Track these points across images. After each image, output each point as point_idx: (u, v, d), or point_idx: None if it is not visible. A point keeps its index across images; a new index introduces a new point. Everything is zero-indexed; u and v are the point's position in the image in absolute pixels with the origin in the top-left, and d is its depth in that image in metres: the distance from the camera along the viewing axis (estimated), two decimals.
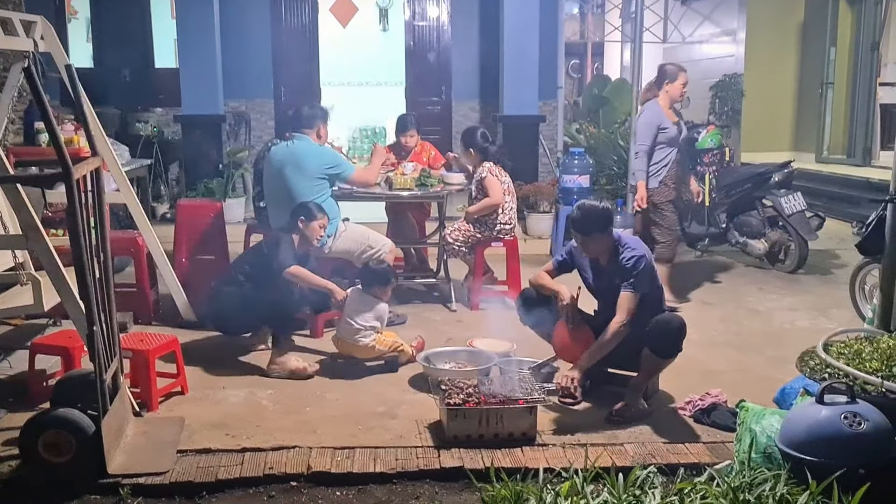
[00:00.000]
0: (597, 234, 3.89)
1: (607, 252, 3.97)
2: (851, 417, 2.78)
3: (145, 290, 5.22)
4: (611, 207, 3.97)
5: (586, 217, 3.89)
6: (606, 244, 3.94)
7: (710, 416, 3.77)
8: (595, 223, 3.88)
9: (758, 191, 6.97)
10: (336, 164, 5.11)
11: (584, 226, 3.89)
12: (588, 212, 3.89)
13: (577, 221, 3.91)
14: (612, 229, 3.93)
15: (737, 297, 6.06)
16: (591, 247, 3.96)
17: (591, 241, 3.92)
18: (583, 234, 3.91)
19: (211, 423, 3.70)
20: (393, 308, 5.53)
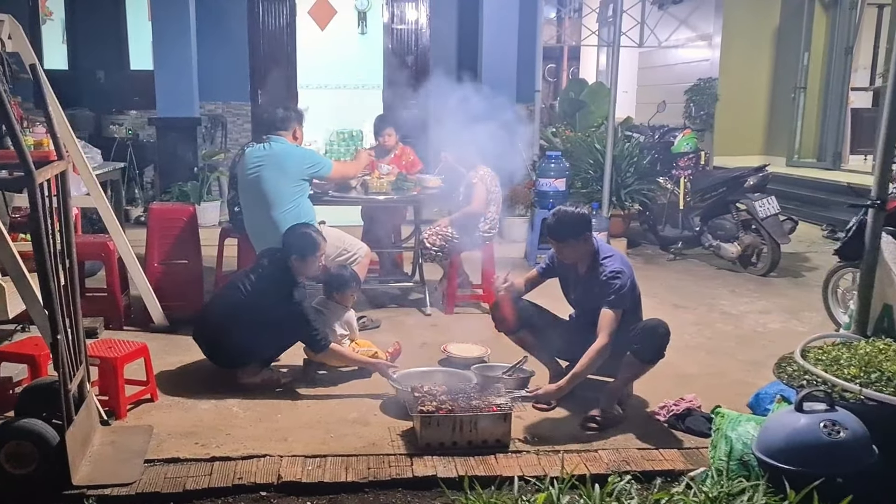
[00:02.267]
0: (572, 241, 3.87)
1: (586, 259, 3.95)
2: (830, 426, 2.76)
3: (116, 295, 5.15)
4: (588, 213, 3.95)
5: (562, 223, 3.86)
6: (584, 251, 3.91)
7: (684, 422, 3.77)
8: (571, 229, 3.85)
9: (732, 194, 7.02)
10: (316, 161, 5.06)
11: (559, 232, 3.87)
12: (564, 218, 3.87)
13: (553, 227, 3.88)
14: (589, 236, 3.91)
15: (709, 301, 6.08)
16: (567, 253, 3.94)
17: (566, 248, 3.90)
18: (558, 240, 3.89)
19: (180, 432, 3.65)
20: (367, 312, 5.52)
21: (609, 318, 3.73)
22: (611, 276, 3.80)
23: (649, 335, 3.76)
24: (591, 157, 8.16)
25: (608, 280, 3.79)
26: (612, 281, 3.78)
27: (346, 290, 4.43)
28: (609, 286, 3.78)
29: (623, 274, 3.83)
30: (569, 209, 3.91)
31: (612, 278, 3.79)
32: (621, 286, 3.78)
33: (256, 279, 4.23)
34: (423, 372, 4.20)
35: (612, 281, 3.78)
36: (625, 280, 3.81)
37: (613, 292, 3.76)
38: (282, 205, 4.90)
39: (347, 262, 5.04)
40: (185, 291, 5.27)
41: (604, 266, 3.86)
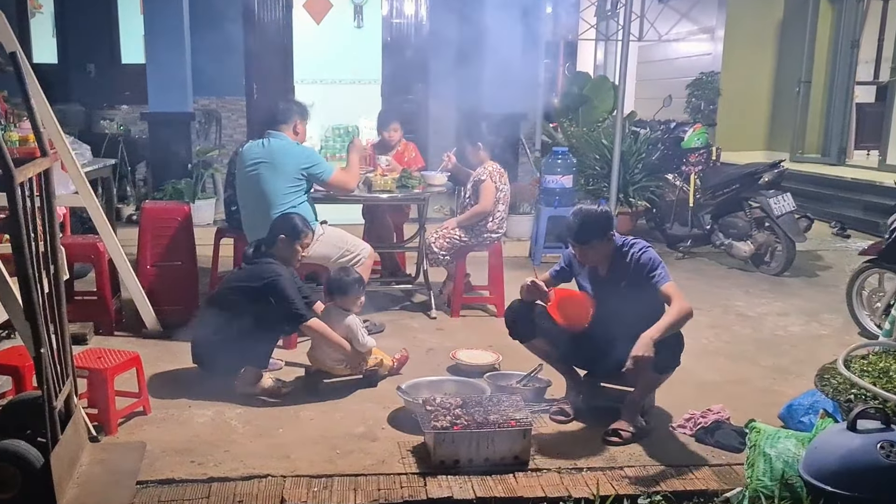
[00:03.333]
0: (596, 243, 3.64)
1: (607, 259, 3.72)
2: (888, 447, 2.53)
3: (107, 299, 4.89)
4: (610, 211, 3.71)
5: (585, 224, 3.62)
6: (607, 251, 3.69)
7: (713, 436, 3.54)
8: (594, 230, 3.62)
9: (746, 191, 6.80)
10: (316, 163, 4.79)
11: (582, 234, 3.63)
12: (586, 218, 3.63)
13: (576, 230, 3.64)
14: (612, 235, 3.68)
15: (724, 302, 5.86)
16: (590, 256, 3.70)
17: (590, 251, 3.67)
18: (581, 243, 3.65)
19: (175, 448, 3.41)
20: (370, 316, 5.27)
21: (671, 289, 3.53)
22: (641, 254, 3.61)
23: (662, 344, 3.52)
24: (598, 153, 7.94)
25: (642, 260, 3.59)
26: (646, 258, 3.59)
27: (348, 294, 4.18)
28: (646, 265, 3.58)
29: (651, 248, 3.67)
30: (591, 208, 3.67)
31: (645, 255, 3.60)
32: (658, 259, 3.61)
33: (241, 271, 4.14)
34: (432, 382, 3.96)
35: (647, 257, 3.59)
36: (656, 254, 3.64)
37: (656, 268, 3.57)
38: (279, 204, 4.65)
39: (350, 263, 4.79)
40: (179, 294, 5.02)
41: (628, 252, 3.65)
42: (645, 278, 3.62)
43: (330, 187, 4.85)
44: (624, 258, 3.69)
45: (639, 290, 3.69)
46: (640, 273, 3.63)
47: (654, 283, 3.60)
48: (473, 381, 3.95)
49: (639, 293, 3.70)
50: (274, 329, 4.00)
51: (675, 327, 3.46)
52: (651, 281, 3.60)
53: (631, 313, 3.75)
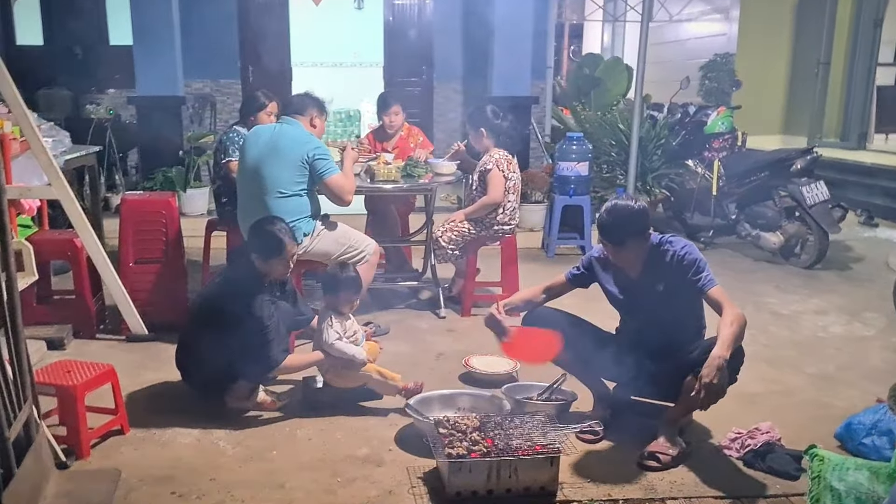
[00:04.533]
0: (632, 243, 3.21)
1: (640, 260, 3.29)
2: None
3: (86, 300, 4.48)
4: (647, 206, 3.27)
5: (620, 222, 3.18)
6: (642, 251, 3.26)
7: (764, 461, 3.12)
8: (631, 229, 3.18)
9: (775, 179, 6.36)
10: (324, 156, 4.26)
11: (618, 234, 3.20)
12: (622, 216, 3.18)
13: (609, 229, 3.20)
14: (650, 233, 3.26)
15: (755, 298, 5.42)
16: (624, 257, 3.27)
17: (624, 251, 3.23)
18: (616, 243, 3.22)
19: (154, 476, 2.99)
20: (374, 316, 4.88)
21: (718, 292, 3.15)
22: (684, 253, 3.21)
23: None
24: (614, 138, 7.49)
25: (686, 261, 3.19)
26: (690, 258, 3.19)
27: (338, 293, 3.67)
28: (690, 267, 3.18)
29: (694, 246, 3.27)
30: (626, 204, 3.22)
31: (687, 254, 3.20)
32: (703, 259, 3.21)
33: (221, 282, 3.63)
34: (444, 396, 3.54)
35: (691, 258, 3.19)
36: (699, 253, 3.24)
37: (702, 270, 3.18)
38: (276, 193, 4.18)
39: (353, 260, 4.36)
40: (165, 294, 4.60)
41: (667, 251, 3.24)
42: (688, 281, 3.20)
43: (325, 188, 4.31)
44: (662, 258, 3.27)
45: (678, 294, 3.28)
46: (681, 275, 3.21)
47: (699, 287, 3.18)
48: (490, 396, 3.53)
49: (677, 297, 3.29)
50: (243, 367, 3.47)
51: (739, 340, 3.05)
52: (697, 284, 3.19)
53: (667, 320, 3.35)
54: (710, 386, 2.91)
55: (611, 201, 3.30)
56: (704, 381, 2.91)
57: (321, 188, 4.32)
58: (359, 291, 3.74)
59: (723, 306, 3.12)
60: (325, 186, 4.27)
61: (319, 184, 4.27)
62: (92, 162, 6.34)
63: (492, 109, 5.07)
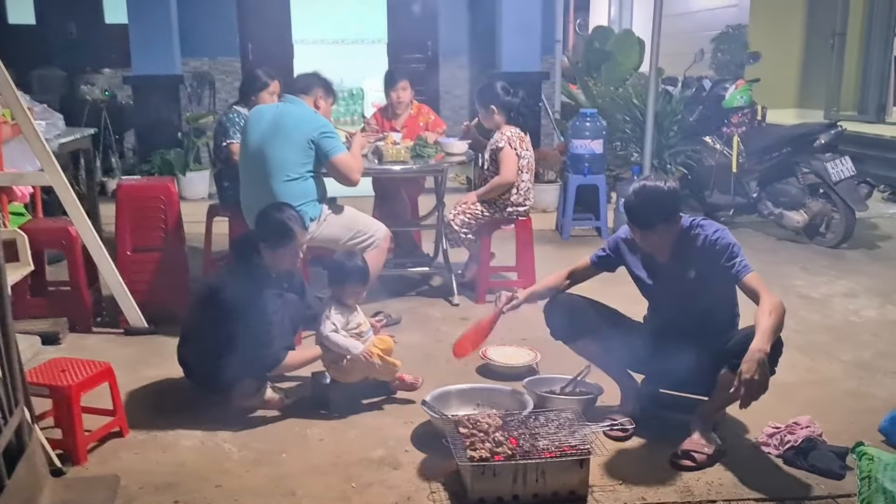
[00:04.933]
0: (662, 227, 2.99)
1: (670, 244, 3.08)
2: None
3: (82, 291, 4.27)
4: (677, 187, 3.04)
5: (649, 205, 2.95)
6: (672, 235, 3.04)
7: (807, 458, 2.92)
8: (661, 212, 2.96)
9: (799, 155, 6.11)
10: (329, 133, 4.03)
11: (647, 218, 2.97)
12: (651, 198, 2.96)
13: (638, 212, 2.98)
14: (680, 217, 3.04)
15: (781, 280, 5.20)
16: (652, 241, 3.05)
17: (653, 236, 3.02)
18: (644, 227, 3.00)
19: (155, 483, 2.80)
20: (385, 304, 4.67)
21: (756, 281, 2.92)
22: (717, 238, 2.99)
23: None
24: (628, 114, 7.22)
25: (718, 246, 2.97)
26: (723, 243, 2.97)
27: (344, 284, 3.44)
28: (723, 252, 2.96)
29: (728, 231, 3.05)
30: (656, 186, 2.99)
31: (720, 239, 2.98)
32: (737, 244, 3.00)
33: (225, 273, 3.43)
34: (462, 391, 3.34)
35: (724, 242, 2.97)
36: (733, 237, 3.03)
37: (736, 255, 2.96)
38: (282, 176, 3.96)
39: (362, 246, 4.15)
40: (165, 284, 4.39)
41: (698, 235, 3.02)
42: (721, 267, 2.99)
43: (331, 168, 4.08)
44: (692, 242, 3.06)
45: (710, 281, 3.07)
46: (713, 260, 3.00)
47: (734, 274, 2.97)
48: (511, 391, 3.33)
49: (710, 284, 3.08)
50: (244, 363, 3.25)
51: (779, 331, 2.84)
52: (731, 271, 2.97)
53: (699, 308, 3.14)
54: (752, 382, 2.70)
55: (638, 182, 3.08)
56: (745, 378, 2.70)
57: (327, 167, 4.09)
58: (366, 282, 3.52)
59: (760, 294, 2.91)
60: (332, 165, 4.04)
61: (326, 163, 4.04)
62: (87, 145, 6.11)
63: (502, 85, 4.83)
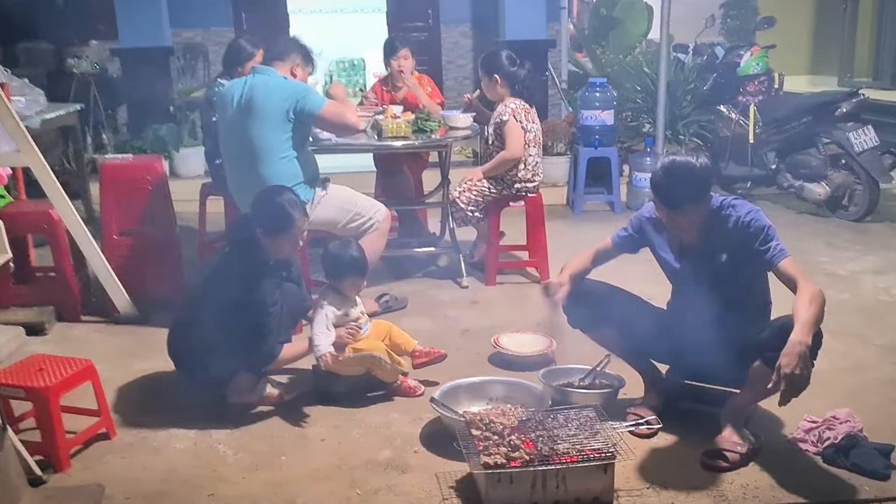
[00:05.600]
0: (691, 207, 2.74)
1: (698, 225, 2.83)
2: None
3: (67, 277, 4.03)
4: (710, 164, 2.79)
5: (679, 184, 2.69)
6: (701, 216, 2.79)
7: (848, 457, 2.70)
8: (691, 192, 2.71)
9: (819, 124, 5.82)
10: (302, 95, 3.74)
11: (675, 197, 2.72)
12: (681, 175, 2.70)
13: (665, 191, 2.73)
14: (710, 196, 2.79)
15: (804, 257, 4.92)
16: (680, 222, 2.80)
17: (681, 216, 2.77)
18: (671, 207, 2.75)
19: (144, 491, 2.59)
20: (390, 287, 4.44)
21: (791, 267, 2.71)
22: (750, 220, 2.76)
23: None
24: (639, 83, 6.93)
25: (752, 228, 2.74)
26: (757, 225, 2.75)
27: (342, 278, 3.22)
28: (757, 235, 2.74)
29: (762, 212, 2.82)
30: (686, 161, 2.73)
31: (753, 221, 2.75)
32: (772, 227, 2.78)
33: (220, 261, 3.17)
34: (474, 385, 3.11)
35: (759, 225, 2.75)
36: (767, 220, 2.80)
37: (771, 238, 2.74)
38: (270, 157, 3.72)
39: (362, 229, 3.91)
40: (156, 268, 4.16)
41: (730, 216, 2.79)
42: (754, 251, 2.74)
43: (325, 123, 3.82)
44: (723, 224, 2.81)
45: (742, 266, 2.82)
46: (746, 244, 2.76)
47: (768, 259, 2.73)
48: (526, 385, 3.10)
49: (742, 269, 2.84)
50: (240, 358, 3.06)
51: (819, 322, 2.60)
52: (765, 255, 2.73)
53: (729, 294, 2.89)
54: (792, 378, 2.47)
55: (667, 157, 2.82)
56: (785, 373, 2.46)
57: (319, 124, 3.85)
58: (363, 274, 3.27)
59: (797, 282, 2.67)
60: (322, 119, 3.78)
61: (314, 121, 3.78)
62: (74, 121, 5.86)
63: (507, 55, 4.56)
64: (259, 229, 3.11)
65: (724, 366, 2.88)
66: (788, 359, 2.47)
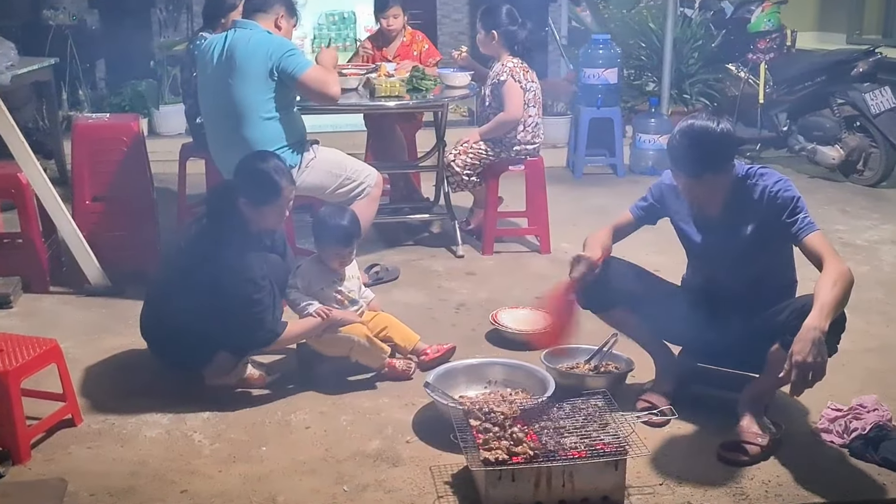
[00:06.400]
0: (711, 177, 2.50)
1: (721, 195, 2.58)
2: None
3: (35, 245, 3.76)
4: (731, 129, 2.53)
5: (698, 150, 2.46)
6: (723, 185, 2.55)
7: (877, 450, 2.49)
8: (712, 159, 2.48)
9: (834, 85, 5.55)
10: (288, 52, 3.46)
11: (694, 164, 2.48)
12: (701, 141, 2.46)
13: (682, 157, 2.50)
14: (733, 165, 2.54)
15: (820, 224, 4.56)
16: (698, 192, 2.57)
17: (700, 186, 2.53)
18: (691, 174, 2.51)
19: (110, 488, 2.36)
20: (381, 255, 4.20)
21: (819, 242, 2.49)
22: (778, 190, 2.53)
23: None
24: (643, 40, 6.61)
25: (780, 199, 2.51)
26: (786, 196, 2.51)
27: (326, 246, 3.00)
28: (785, 206, 2.50)
29: (791, 182, 2.59)
30: (705, 126, 2.49)
31: (782, 192, 2.52)
32: (801, 198, 2.54)
33: (199, 232, 2.89)
34: (471, 367, 2.89)
35: (787, 195, 2.52)
36: (796, 191, 2.56)
37: (798, 211, 2.51)
38: (252, 118, 3.45)
39: (352, 194, 3.65)
40: (131, 236, 3.90)
41: (756, 185, 2.56)
42: (781, 224, 2.50)
43: (305, 90, 3.54)
44: (749, 194, 2.57)
45: (769, 240, 2.59)
46: (773, 216, 2.54)
47: (794, 233, 2.50)
48: (528, 367, 2.86)
49: (766, 243, 2.61)
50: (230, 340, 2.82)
51: (843, 305, 2.39)
52: (791, 228, 2.49)
53: (751, 271, 2.66)
54: (804, 366, 2.25)
55: (685, 121, 2.57)
56: (796, 360, 2.25)
57: (298, 89, 3.56)
58: (350, 244, 3.02)
59: (824, 259, 2.44)
60: (302, 85, 3.51)
61: (294, 85, 3.50)
62: (48, 76, 5.53)
63: (507, 11, 4.28)
64: (242, 199, 2.85)
65: (742, 348, 2.68)
66: (801, 345, 2.25)
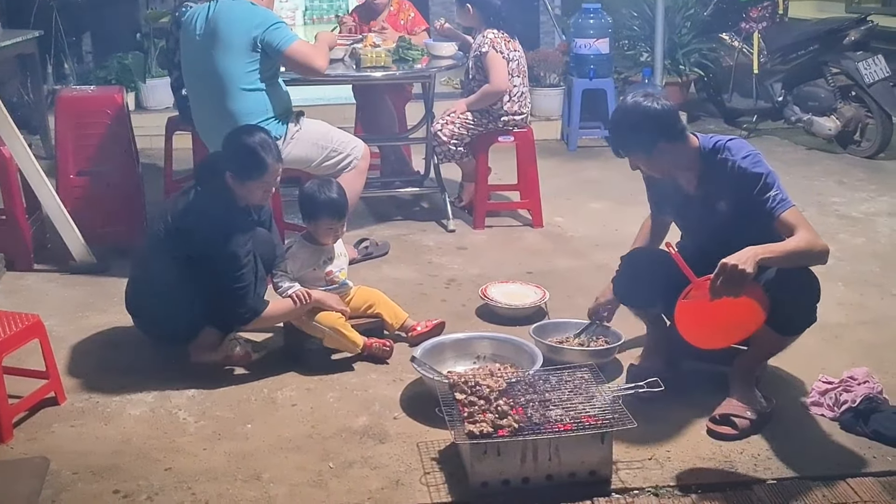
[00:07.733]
0: (640, 154, 2.50)
1: (687, 169, 2.56)
2: None
3: (19, 221, 3.70)
4: (666, 105, 2.49)
5: (620, 128, 2.53)
6: (673, 161, 2.53)
7: (867, 422, 2.47)
8: (633, 138, 2.49)
9: (827, 53, 5.48)
10: (272, 24, 3.39)
11: (622, 139, 2.54)
12: (625, 116, 2.50)
13: (612, 134, 2.63)
14: (674, 140, 2.49)
15: (816, 197, 4.67)
16: (656, 170, 2.59)
17: (639, 162, 2.55)
18: (623, 149, 2.55)
19: (93, 467, 2.33)
20: (370, 230, 4.17)
21: (794, 217, 2.41)
22: (745, 163, 2.46)
23: (788, 292, 2.37)
24: (635, 9, 6.51)
25: (748, 174, 2.44)
26: (754, 171, 2.44)
27: (317, 219, 2.95)
28: (754, 181, 2.43)
29: (760, 155, 2.52)
30: (635, 101, 2.48)
31: (749, 166, 2.45)
32: (772, 173, 2.47)
33: (185, 206, 2.83)
34: (459, 342, 2.87)
35: (755, 170, 2.44)
36: (766, 165, 2.50)
37: (770, 186, 2.43)
38: (236, 90, 3.39)
39: (339, 167, 3.59)
40: (116, 211, 3.86)
41: (725, 159, 2.49)
42: (754, 201, 2.44)
43: (291, 63, 3.47)
44: (720, 168, 2.52)
45: (745, 216, 2.50)
46: (744, 191, 2.46)
47: (768, 210, 2.43)
48: (517, 341, 2.84)
49: (743, 218, 2.51)
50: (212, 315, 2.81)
51: (796, 260, 2.36)
52: (764, 206, 2.43)
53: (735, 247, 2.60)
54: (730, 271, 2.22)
55: (622, 99, 2.60)
56: (724, 261, 2.24)
57: (284, 62, 3.49)
58: (341, 217, 2.98)
59: (797, 232, 2.39)
60: (288, 59, 3.45)
61: (280, 58, 3.44)
62: (32, 49, 5.45)
63: None
64: (228, 173, 2.80)
65: None
66: (736, 257, 2.25)
